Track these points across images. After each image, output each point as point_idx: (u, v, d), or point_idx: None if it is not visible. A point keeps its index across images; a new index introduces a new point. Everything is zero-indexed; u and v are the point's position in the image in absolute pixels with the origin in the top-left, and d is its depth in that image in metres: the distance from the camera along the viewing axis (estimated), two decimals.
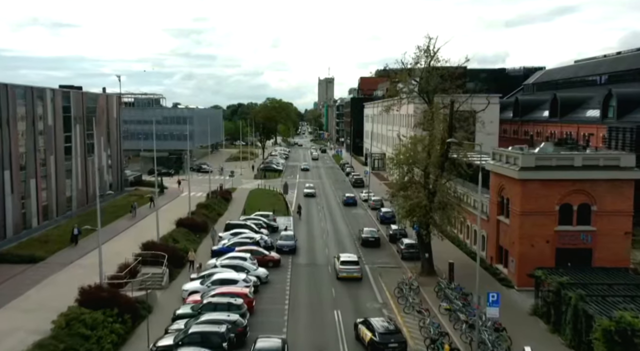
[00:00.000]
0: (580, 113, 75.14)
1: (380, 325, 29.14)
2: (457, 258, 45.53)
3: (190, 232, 52.56)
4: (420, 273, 42.58)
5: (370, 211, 70.92)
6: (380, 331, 28.40)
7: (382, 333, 28.28)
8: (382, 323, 29.56)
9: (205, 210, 63.92)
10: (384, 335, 28.18)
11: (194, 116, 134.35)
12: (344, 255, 44.24)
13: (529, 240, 38.75)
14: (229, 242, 48.03)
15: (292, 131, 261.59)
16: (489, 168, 44.74)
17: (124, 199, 71.93)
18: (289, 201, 76.00)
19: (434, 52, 44.16)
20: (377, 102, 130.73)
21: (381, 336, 28.11)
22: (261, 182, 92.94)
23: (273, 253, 46.12)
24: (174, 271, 41.33)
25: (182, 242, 47.97)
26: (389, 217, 62.57)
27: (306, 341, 30.46)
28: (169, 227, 53.21)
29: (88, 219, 57.90)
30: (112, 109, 74.87)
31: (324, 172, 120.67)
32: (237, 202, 75.44)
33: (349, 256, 44.14)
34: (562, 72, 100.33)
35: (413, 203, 41.25)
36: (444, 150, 41.33)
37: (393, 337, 28.26)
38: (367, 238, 52.68)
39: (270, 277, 41.18)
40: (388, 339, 28.00)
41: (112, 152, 74.89)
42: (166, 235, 48.92)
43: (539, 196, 38.33)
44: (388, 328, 28.83)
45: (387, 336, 28.11)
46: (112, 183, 74.32)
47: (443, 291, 37.25)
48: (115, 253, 42.84)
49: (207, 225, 56.80)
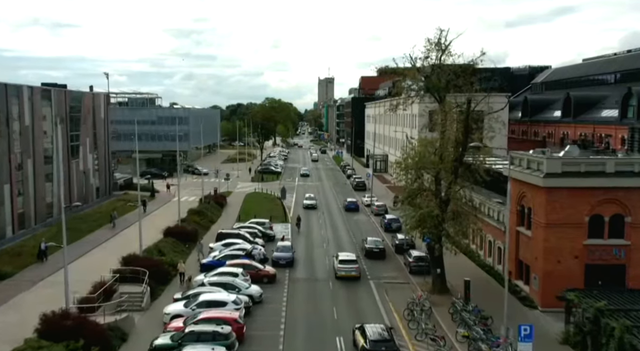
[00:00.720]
0: (595, 113, 70.85)
1: (373, 331, 28.76)
2: (471, 273, 41.30)
3: (178, 242, 48.25)
4: (432, 290, 38.30)
5: (374, 217, 66.63)
6: (372, 338, 28.06)
7: (374, 340, 27.93)
8: (375, 329, 29.09)
9: (197, 216, 59.60)
10: (375, 342, 27.82)
11: (190, 116, 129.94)
12: (343, 254, 44.36)
13: (555, 255, 34.53)
14: (220, 254, 43.74)
15: (292, 131, 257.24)
16: (507, 174, 40.46)
17: (111, 204, 67.59)
18: (287, 206, 71.66)
19: (445, 46, 40.06)
20: (380, 101, 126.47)
21: (372, 343, 27.79)
22: (258, 185, 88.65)
23: (268, 268, 41.81)
24: (157, 289, 37.01)
25: (168, 255, 43.65)
26: (395, 225, 58.35)
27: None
28: (155, 236, 48.93)
29: (70, 228, 53.67)
30: (99, 109, 70.51)
31: (324, 174, 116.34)
32: (232, 207, 71.12)
33: (348, 255, 44.26)
34: (572, 71, 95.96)
35: (423, 212, 36.96)
36: (459, 154, 37.04)
37: (384, 345, 27.74)
38: (371, 249, 48.36)
39: (264, 295, 36.87)
40: (379, 347, 27.61)
41: (99, 154, 70.52)
42: (151, 247, 44.62)
43: (566, 206, 34.10)
44: (380, 336, 28.35)
45: (378, 344, 27.73)
46: (99, 187, 69.92)
47: (459, 313, 32.96)
48: (91, 268, 38.58)
49: (198, 234, 52.49)
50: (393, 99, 61.51)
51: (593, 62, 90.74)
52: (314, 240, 55.06)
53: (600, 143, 63.23)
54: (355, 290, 39.58)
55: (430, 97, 41.62)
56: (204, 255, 45.00)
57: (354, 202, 74.34)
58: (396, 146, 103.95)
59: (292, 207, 72.99)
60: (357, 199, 76.64)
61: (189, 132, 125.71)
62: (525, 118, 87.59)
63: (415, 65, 40.81)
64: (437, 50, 40.26)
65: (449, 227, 38.03)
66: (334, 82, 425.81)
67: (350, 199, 75.63)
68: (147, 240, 46.88)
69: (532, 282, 36.52)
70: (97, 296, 31.29)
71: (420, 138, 40.07)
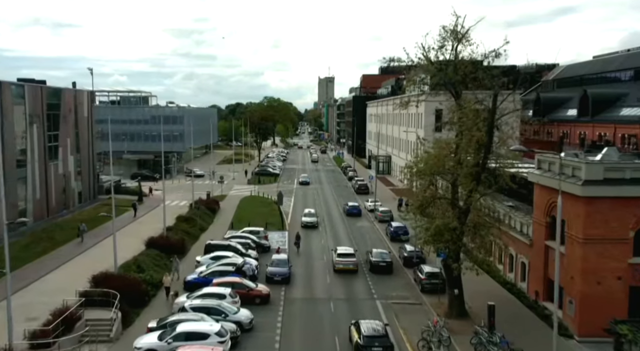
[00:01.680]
0: (614, 112, 65.77)
1: (368, 327, 28.75)
2: (491, 292, 36.42)
3: (162, 255, 43.20)
4: (449, 314, 33.26)
5: (378, 224, 61.62)
6: (366, 333, 28.12)
7: (368, 335, 27.98)
8: (370, 325, 29.03)
9: (186, 224, 54.59)
10: (369, 338, 27.86)
11: (185, 115, 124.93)
12: (341, 248, 45.86)
13: (595, 276, 29.58)
14: (207, 269, 38.71)
15: (291, 131, 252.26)
16: (534, 180, 35.52)
17: (95, 210, 62.51)
18: (284, 211, 66.56)
19: (462, 35, 35.07)
20: (382, 100, 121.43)
21: (366, 339, 27.81)
22: (255, 188, 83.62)
23: (261, 286, 36.74)
24: (131, 313, 31.98)
25: (148, 270, 38.55)
26: (401, 234, 53.35)
27: None
28: (137, 248, 43.94)
29: (43, 238, 48.69)
30: (81, 107, 65.39)
31: (324, 175, 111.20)
32: (225, 212, 66.08)
33: (346, 249, 45.64)
34: (585, 68, 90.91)
35: (439, 224, 31.93)
36: (481, 158, 32.02)
37: (378, 341, 27.80)
38: (377, 262, 43.28)
39: (255, 320, 31.85)
40: (372, 342, 27.71)
41: (82, 156, 65.40)
42: (129, 261, 39.58)
43: (608, 219, 29.15)
44: (375, 331, 28.38)
45: (372, 339, 27.81)
46: (81, 191, 64.79)
47: (484, 346, 28.01)
48: (56, 289, 33.62)
49: (185, 245, 47.49)
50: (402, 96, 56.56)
51: (608, 59, 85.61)
52: (313, 251, 49.98)
53: (622, 145, 58.32)
54: (360, 311, 34.52)
55: (446, 92, 36.61)
56: (179, 273, 39.51)
57: (356, 206, 69.40)
58: (400, 146, 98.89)
59: (290, 212, 67.96)
60: (360, 203, 71.69)
61: (183, 131, 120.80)
62: (537, 117, 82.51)
63: (428, 55, 35.84)
64: (453, 40, 35.36)
65: (469, 241, 33.07)
66: (334, 81, 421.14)
67: (352, 203, 70.66)
68: (128, 252, 42.02)
69: (566, 306, 31.49)
70: (55, 328, 26.19)
71: (436, 140, 34.99)
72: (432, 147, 34.94)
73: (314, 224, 59.81)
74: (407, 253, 44.91)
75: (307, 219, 60.50)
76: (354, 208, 68.67)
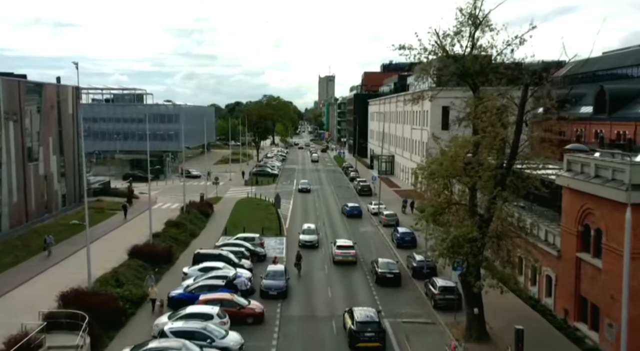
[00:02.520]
0: (634, 109, 61.75)
1: (361, 314, 29.30)
2: (512, 308, 32.51)
3: (146, 266, 39.09)
4: (467, 336, 29.17)
5: (382, 229, 57.54)
6: (359, 319, 28.58)
7: (361, 321, 28.45)
8: (363, 312, 29.62)
9: (176, 229, 50.44)
10: (362, 323, 28.35)
11: (181, 113, 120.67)
12: (340, 240, 46.84)
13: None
14: (195, 283, 34.58)
15: (291, 130, 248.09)
16: (562, 183, 31.38)
17: (82, 212, 58.27)
18: (282, 215, 62.42)
19: (480, 20, 31.05)
20: (386, 97, 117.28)
21: (359, 324, 28.31)
22: (252, 190, 79.47)
23: (254, 304, 32.55)
24: (103, 337, 27.85)
25: (128, 284, 34.39)
26: (409, 240, 49.30)
27: None
28: (118, 258, 39.88)
29: (17, 246, 44.56)
30: (66, 103, 61.18)
31: (324, 176, 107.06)
32: (219, 216, 61.92)
33: (345, 241, 46.62)
34: (597, 63, 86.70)
35: (458, 235, 27.82)
36: (507, 159, 27.92)
37: (370, 326, 28.31)
38: (383, 274, 39.08)
39: (247, 344, 27.73)
40: (365, 328, 28.16)
41: (66, 156, 61.21)
42: (108, 274, 35.45)
43: None
44: (367, 317, 28.92)
45: (364, 325, 28.27)
46: (65, 193, 60.58)
47: None
48: (19, 309, 29.53)
49: (173, 253, 43.36)
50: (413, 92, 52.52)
51: (622, 54, 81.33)
52: (312, 262, 45.71)
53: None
54: None
55: (462, 84, 32.54)
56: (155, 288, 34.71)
57: (357, 207, 65.73)
58: (404, 146, 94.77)
59: (289, 215, 63.86)
60: (361, 205, 67.70)
61: (179, 130, 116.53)
62: (549, 115, 78.17)
63: (444, 43, 31.76)
64: (470, 25, 31.32)
65: (491, 254, 28.97)
66: (335, 80, 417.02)
67: (352, 204, 66.89)
68: (108, 262, 38.09)
69: (604, 330, 27.34)
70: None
71: (452, 137, 30.82)
72: (448, 146, 30.79)
73: (314, 244, 49.36)
74: (416, 263, 40.79)
75: (306, 237, 49.80)
76: (354, 209, 65.01)
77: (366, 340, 27.82)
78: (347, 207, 66.42)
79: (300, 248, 47.73)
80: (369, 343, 27.86)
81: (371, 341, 27.88)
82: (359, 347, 27.83)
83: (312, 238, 49.92)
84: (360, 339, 27.78)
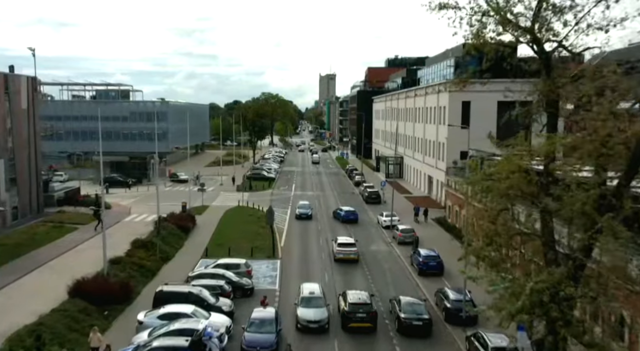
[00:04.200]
0: None
1: (353, 296, 30.01)
2: None
3: (91, 309, 29.28)
4: None
5: (397, 246, 47.69)
6: (351, 301, 29.31)
7: (352, 303, 29.18)
8: (356, 295, 30.31)
9: (144, 252, 40.50)
10: (354, 305, 29.04)
11: (169, 111, 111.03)
12: (341, 238, 44.91)
13: None
14: (148, 342, 24.65)
15: (291, 130, 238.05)
16: None
17: (35, 228, 48.51)
18: (277, 229, 52.43)
19: None
20: (392, 93, 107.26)
21: (351, 306, 29.03)
22: (244, 197, 69.57)
23: None
24: None
25: (53, 345, 24.40)
26: (434, 266, 39.39)
27: None
28: (56, 297, 30.15)
29: None
30: (17, 96, 51.27)
31: (326, 179, 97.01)
32: (202, 231, 51.95)
33: (346, 239, 44.89)
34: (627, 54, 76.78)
35: (539, 288, 17.92)
36: (625, 172, 18.08)
37: (362, 308, 28.92)
38: (409, 321, 28.92)
39: None
40: (357, 309, 28.82)
41: (18, 159, 51.29)
42: (28, 328, 25.46)
43: None
44: (359, 299, 29.58)
45: (356, 307, 28.92)
46: (17, 205, 50.63)
47: None
48: None
49: (131, 289, 33.29)
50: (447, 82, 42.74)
51: None
52: None
53: None
54: None
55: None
56: (98, 334, 25.08)
57: (353, 211, 58.05)
58: (415, 146, 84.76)
59: (285, 229, 53.93)
60: (369, 214, 57.90)
61: (167, 130, 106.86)
62: None
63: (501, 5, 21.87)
64: None
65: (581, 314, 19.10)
66: (336, 79, 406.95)
67: (347, 208, 59.24)
68: (39, 304, 28.59)
69: None
70: None
71: (518, 137, 20.92)
72: (514, 151, 20.86)
73: (319, 303, 30.14)
74: (450, 304, 30.81)
75: (309, 294, 30.96)
76: (350, 214, 57.38)
77: (358, 320, 28.79)
78: (341, 211, 58.35)
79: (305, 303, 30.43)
80: (360, 323, 28.81)
81: (363, 321, 28.83)
82: (351, 327, 28.73)
83: (316, 298, 30.62)
84: (352, 319, 28.75)
